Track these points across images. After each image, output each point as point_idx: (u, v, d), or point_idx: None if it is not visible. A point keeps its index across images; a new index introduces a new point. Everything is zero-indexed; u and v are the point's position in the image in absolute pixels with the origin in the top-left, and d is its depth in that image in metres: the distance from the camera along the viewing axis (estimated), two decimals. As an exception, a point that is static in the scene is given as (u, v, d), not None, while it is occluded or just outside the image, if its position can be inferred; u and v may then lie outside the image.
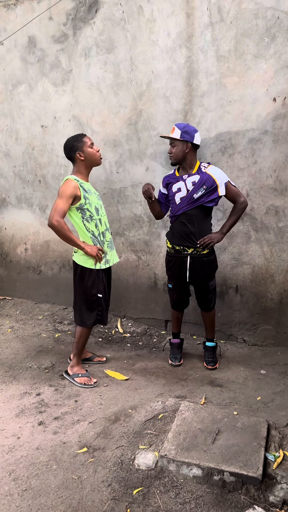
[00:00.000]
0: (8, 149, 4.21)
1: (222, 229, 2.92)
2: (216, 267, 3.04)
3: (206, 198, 2.83)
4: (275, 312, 3.31)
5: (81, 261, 2.82)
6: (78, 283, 2.88)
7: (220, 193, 2.83)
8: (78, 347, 2.95)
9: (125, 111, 3.53)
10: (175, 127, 2.84)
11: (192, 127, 2.85)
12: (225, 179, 2.85)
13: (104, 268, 2.89)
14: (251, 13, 2.93)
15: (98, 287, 2.85)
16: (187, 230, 2.88)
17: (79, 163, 2.80)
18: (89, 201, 2.76)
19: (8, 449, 2.25)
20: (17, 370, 3.14)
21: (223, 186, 2.84)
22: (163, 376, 3.01)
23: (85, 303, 2.88)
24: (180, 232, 2.91)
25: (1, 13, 3.92)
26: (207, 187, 2.81)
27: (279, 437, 2.21)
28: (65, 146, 2.82)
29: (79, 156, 2.77)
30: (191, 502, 1.87)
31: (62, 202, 2.68)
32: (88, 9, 3.50)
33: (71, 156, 2.81)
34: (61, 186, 2.72)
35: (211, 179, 2.81)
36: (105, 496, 1.93)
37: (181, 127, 2.82)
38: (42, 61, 3.81)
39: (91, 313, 2.89)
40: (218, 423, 2.29)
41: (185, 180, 2.86)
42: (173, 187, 2.91)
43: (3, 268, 4.64)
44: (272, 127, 3.04)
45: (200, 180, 2.82)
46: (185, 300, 3.16)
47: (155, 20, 3.24)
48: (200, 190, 2.81)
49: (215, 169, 2.86)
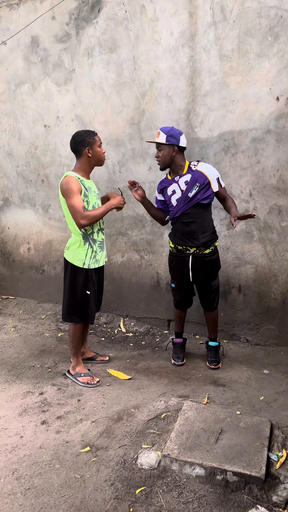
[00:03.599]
0: (11, 149, 4.22)
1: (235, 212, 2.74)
2: (219, 266, 3.03)
3: (201, 196, 2.83)
4: (278, 312, 3.30)
5: (72, 259, 2.82)
6: (68, 280, 2.87)
7: (214, 189, 2.85)
8: (74, 346, 2.95)
9: (127, 110, 3.52)
10: (160, 131, 2.83)
11: (177, 130, 2.85)
12: (216, 174, 2.87)
13: (95, 268, 2.88)
14: (254, 12, 2.92)
15: (87, 285, 2.84)
16: (188, 230, 2.89)
17: (84, 159, 2.77)
18: (88, 199, 2.75)
19: (11, 448, 2.25)
20: (20, 369, 3.14)
21: (215, 181, 2.85)
22: (166, 376, 3.00)
23: (73, 300, 2.87)
24: (181, 232, 2.92)
25: (4, 13, 3.93)
26: (200, 184, 2.81)
27: (282, 437, 2.20)
28: (74, 138, 2.76)
29: (88, 152, 2.74)
30: (194, 502, 1.87)
31: (76, 200, 2.66)
32: (91, 8, 3.50)
33: (78, 149, 2.76)
34: (64, 185, 2.69)
35: (203, 176, 2.82)
36: (108, 495, 1.93)
37: (166, 130, 2.82)
38: (45, 61, 3.81)
39: (77, 310, 2.88)
40: (221, 423, 2.28)
41: (178, 182, 2.87)
42: (168, 190, 2.93)
43: (6, 268, 4.64)
44: (275, 126, 3.03)
45: (192, 178, 2.82)
46: (188, 299, 3.16)
47: (158, 20, 3.24)
48: (194, 188, 2.82)
49: (205, 165, 2.87)
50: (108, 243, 3.88)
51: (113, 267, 3.93)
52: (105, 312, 4.00)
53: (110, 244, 3.89)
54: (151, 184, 3.56)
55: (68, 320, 2.94)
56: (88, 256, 2.80)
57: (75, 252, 2.80)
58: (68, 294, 2.89)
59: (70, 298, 2.88)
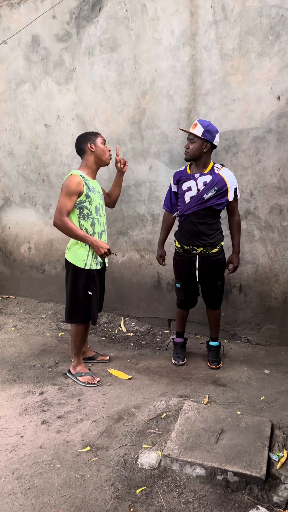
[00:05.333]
0: (11, 148, 4.22)
1: (235, 250, 2.98)
2: (225, 265, 3.02)
3: (216, 200, 2.81)
4: (279, 312, 3.30)
5: (74, 259, 2.80)
6: (70, 281, 2.85)
7: (230, 198, 2.83)
8: (76, 346, 2.95)
9: (128, 109, 3.52)
10: (198, 123, 2.77)
11: (215, 126, 2.80)
12: (235, 184, 2.85)
13: (97, 269, 2.86)
14: (255, 11, 2.92)
15: (89, 286, 2.83)
16: (196, 230, 2.86)
17: (88, 155, 2.76)
18: (90, 200, 2.74)
19: (11, 448, 2.25)
20: (21, 368, 3.14)
21: (232, 191, 2.83)
22: (167, 376, 3.00)
23: (75, 301, 2.85)
24: (189, 231, 2.89)
25: (5, 12, 3.92)
26: (218, 189, 2.78)
27: (283, 437, 2.20)
28: (78, 139, 2.79)
29: (90, 146, 2.73)
30: (195, 502, 1.87)
31: (65, 201, 2.66)
32: (91, 7, 3.49)
33: (81, 147, 2.76)
34: (65, 181, 2.68)
35: (222, 181, 2.79)
36: (108, 495, 1.92)
37: (204, 124, 2.76)
38: (46, 60, 3.81)
39: (80, 311, 2.86)
40: (222, 423, 2.28)
41: (197, 179, 2.83)
42: (184, 185, 2.88)
43: (7, 267, 4.64)
44: (276, 125, 3.02)
45: (212, 181, 2.79)
46: (193, 299, 3.14)
47: (158, 19, 3.23)
48: (211, 191, 2.79)
49: (228, 172, 2.84)
50: (109, 242, 3.88)
51: (114, 267, 3.93)
52: (105, 312, 3.99)
53: (111, 243, 3.89)
54: (152, 184, 3.56)
55: (71, 322, 2.92)
56: (89, 257, 2.78)
57: (76, 252, 2.78)
58: (70, 296, 2.87)
59: (73, 300, 2.86)
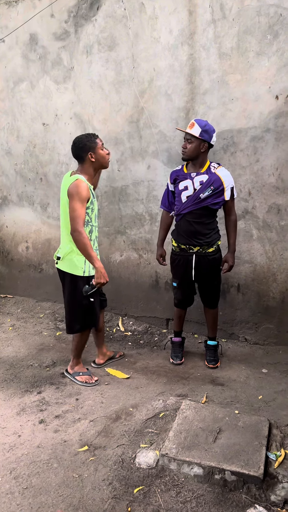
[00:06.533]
0: (9, 147, 4.20)
1: (230, 249, 2.98)
2: (221, 264, 3.02)
3: (213, 200, 2.81)
4: (277, 311, 3.30)
5: (70, 269, 2.72)
6: (69, 291, 2.78)
7: (226, 198, 2.83)
8: (78, 349, 2.93)
9: (126, 108, 3.51)
10: (195, 123, 2.76)
11: (212, 126, 2.81)
12: (232, 183, 2.85)
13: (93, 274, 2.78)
14: (254, 10, 2.91)
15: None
16: (193, 229, 2.87)
17: (88, 164, 2.68)
18: (93, 207, 2.70)
19: (9, 448, 2.25)
20: (18, 368, 3.14)
21: (229, 190, 2.83)
22: (164, 375, 3.00)
23: (77, 311, 2.80)
24: (186, 231, 2.90)
25: (3, 10, 3.91)
26: (214, 188, 2.79)
27: (280, 436, 2.20)
28: (75, 144, 2.67)
29: (91, 157, 2.65)
30: (192, 501, 1.87)
31: (81, 209, 2.55)
32: (89, 6, 3.48)
33: (80, 156, 2.67)
34: (73, 187, 2.57)
35: (219, 181, 2.80)
36: (106, 494, 1.92)
37: (202, 124, 2.75)
38: (44, 59, 3.80)
39: (84, 320, 2.82)
40: (219, 422, 2.28)
41: (193, 179, 2.84)
42: (180, 184, 2.88)
43: (4, 266, 4.63)
44: (275, 125, 3.02)
45: (208, 181, 2.79)
46: (190, 298, 3.14)
47: (157, 18, 3.22)
48: (207, 191, 2.79)
49: (224, 171, 2.85)
50: (106, 241, 3.87)
51: (112, 266, 3.92)
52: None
53: (108, 243, 3.88)
54: (150, 183, 3.55)
55: (75, 332, 2.87)
56: (87, 263, 2.70)
57: (73, 260, 2.71)
58: (71, 307, 2.81)
59: (74, 310, 2.81)
